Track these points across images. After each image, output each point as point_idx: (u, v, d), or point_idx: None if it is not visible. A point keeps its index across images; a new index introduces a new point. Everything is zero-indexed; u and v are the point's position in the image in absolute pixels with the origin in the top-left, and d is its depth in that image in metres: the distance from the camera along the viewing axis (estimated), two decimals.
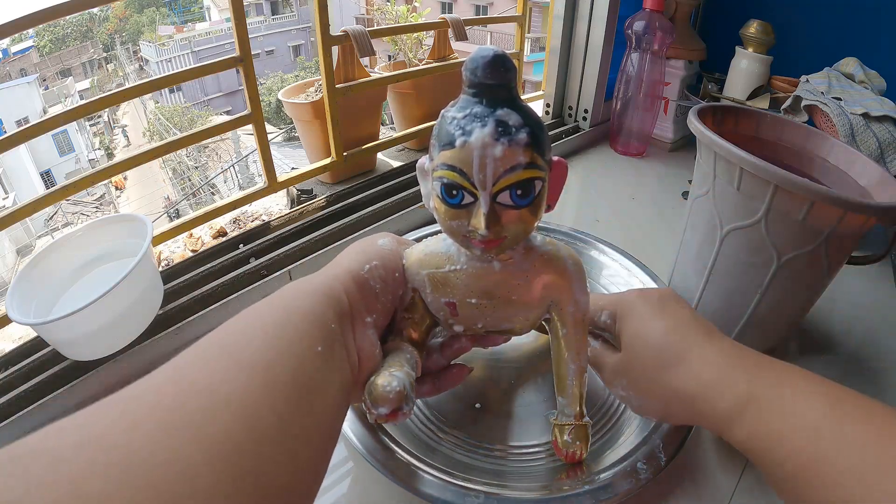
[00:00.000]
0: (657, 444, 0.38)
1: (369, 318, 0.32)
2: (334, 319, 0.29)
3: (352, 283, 0.32)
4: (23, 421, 0.42)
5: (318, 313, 0.28)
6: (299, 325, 0.27)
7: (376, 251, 0.35)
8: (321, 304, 0.29)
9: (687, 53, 0.88)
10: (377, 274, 0.34)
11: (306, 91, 0.76)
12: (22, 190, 8.46)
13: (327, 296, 0.30)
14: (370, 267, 0.34)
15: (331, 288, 0.31)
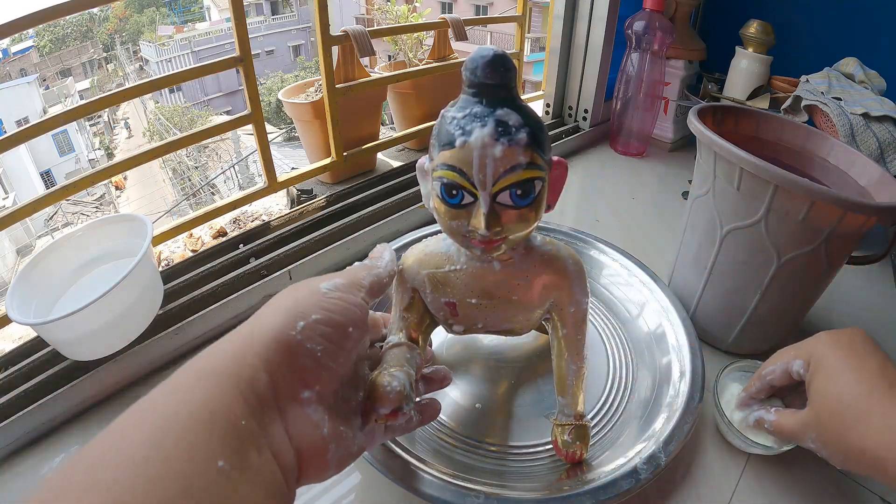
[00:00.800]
0: (657, 445, 0.38)
1: (307, 392, 0.25)
2: (245, 412, 0.22)
3: (275, 350, 0.24)
4: (23, 421, 0.42)
5: (218, 409, 0.21)
6: (187, 435, 0.20)
7: (315, 301, 0.27)
8: (223, 393, 0.22)
9: (687, 53, 0.88)
10: (318, 332, 0.26)
11: (306, 91, 0.76)
12: (22, 190, 8.46)
13: (233, 379, 0.23)
14: (306, 325, 0.25)
15: (239, 366, 0.23)
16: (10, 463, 0.42)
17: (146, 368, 0.49)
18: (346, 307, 0.28)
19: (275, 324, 0.25)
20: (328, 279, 0.29)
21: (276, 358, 0.24)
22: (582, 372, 0.39)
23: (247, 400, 0.22)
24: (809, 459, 0.42)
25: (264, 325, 0.25)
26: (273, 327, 0.25)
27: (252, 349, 0.24)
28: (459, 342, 0.51)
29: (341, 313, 0.27)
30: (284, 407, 0.24)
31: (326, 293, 0.28)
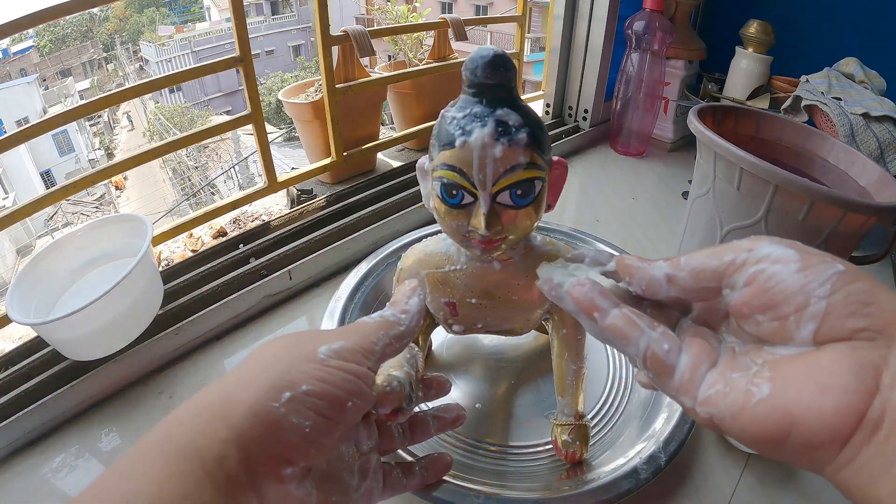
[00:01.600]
0: (657, 445, 0.38)
1: (290, 469, 0.22)
2: (212, 495, 0.19)
3: (251, 425, 0.21)
4: (23, 421, 0.42)
5: (178, 494, 0.18)
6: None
7: (309, 370, 0.23)
8: (185, 474, 0.19)
9: (687, 53, 0.88)
10: (308, 406, 0.22)
11: (306, 91, 0.76)
12: (22, 190, 8.46)
13: (198, 457, 0.20)
14: (292, 396, 0.21)
15: (207, 441, 0.20)
16: (10, 463, 0.42)
17: (146, 368, 0.49)
18: (347, 379, 0.23)
19: (254, 393, 0.21)
20: (331, 338, 0.25)
21: (253, 433, 0.21)
22: (582, 372, 0.39)
23: (214, 480, 0.19)
24: None
25: (241, 391, 0.22)
26: (251, 397, 0.21)
27: (225, 418, 0.21)
28: (459, 342, 0.51)
29: (340, 386, 0.23)
30: (262, 486, 0.21)
31: (325, 360, 0.23)
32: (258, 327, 0.55)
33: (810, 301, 0.18)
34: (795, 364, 0.19)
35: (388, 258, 0.55)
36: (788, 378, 0.18)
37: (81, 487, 0.19)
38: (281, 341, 0.25)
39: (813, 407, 0.17)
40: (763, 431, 0.18)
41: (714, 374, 0.20)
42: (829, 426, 0.17)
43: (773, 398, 0.18)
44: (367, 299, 0.52)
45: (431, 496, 0.35)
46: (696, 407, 0.20)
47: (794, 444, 0.18)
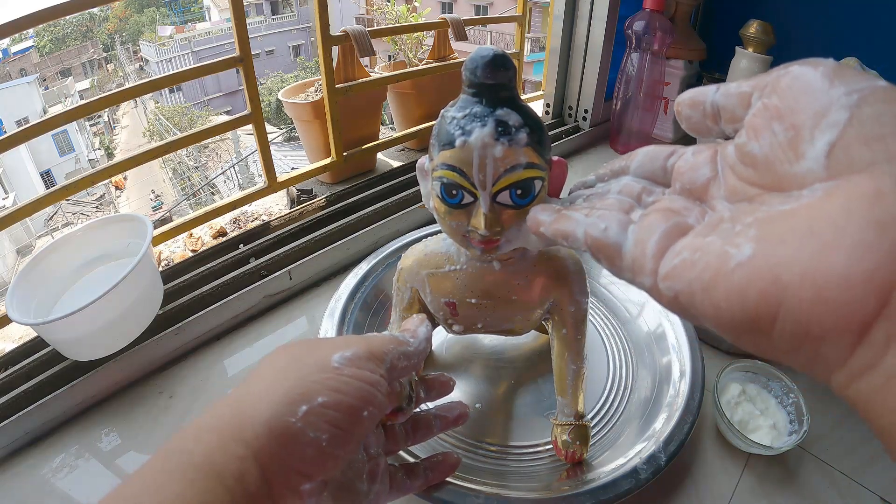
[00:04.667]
0: (657, 445, 0.38)
1: (308, 484, 0.21)
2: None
3: (268, 440, 0.20)
4: (23, 421, 0.42)
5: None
6: None
7: (323, 380, 0.22)
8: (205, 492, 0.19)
9: (687, 53, 0.88)
10: (324, 419, 0.21)
11: (306, 91, 0.76)
12: (22, 190, 8.46)
13: (217, 474, 0.19)
14: (309, 410, 0.21)
15: (225, 458, 0.20)
16: (10, 463, 0.42)
17: (146, 368, 0.49)
18: (361, 388, 0.23)
19: (268, 407, 0.21)
20: (342, 346, 0.24)
21: (270, 449, 0.20)
22: (582, 372, 0.39)
23: (234, 497, 0.19)
24: (809, 459, 0.42)
25: (257, 405, 0.21)
26: (266, 411, 0.21)
27: (241, 435, 0.20)
28: (459, 342, 0.51)
29: (355, 395, 0.22)
30: (281, 502, 0.21)
31: (339, 368, 0.23)
32: (258, 327, 0.55)
33: (832, 108, 0.14)
34: (795, 215, 0.13)
35: (388, 258, 0.55)
36: (781, 233, 0.13)
37: (81, 487, 0.20)
38: (291, 350, 0.24)
39: (811, 269, 0.12)
40: (743, 308, 0.13)
41: (682, 243, 0.15)
42: (836, 298, 0.11)
43: (756, 259, 0.13)
44: (367, 299, 0.52)
45: (432, 496, 0.35)
46: (657, 283, 0.15)
47: (787, 328, 0.12)
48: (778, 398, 0.44)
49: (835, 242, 0.11)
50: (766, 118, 0.16)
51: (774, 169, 0.15)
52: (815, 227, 0.12)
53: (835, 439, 0.44)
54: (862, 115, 0.13)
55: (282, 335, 0.54)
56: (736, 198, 0.17)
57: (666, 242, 0.16)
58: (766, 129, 0.16)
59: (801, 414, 0.41)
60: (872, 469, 0.41)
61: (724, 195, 0.17)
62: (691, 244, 0.15)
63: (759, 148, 0.16)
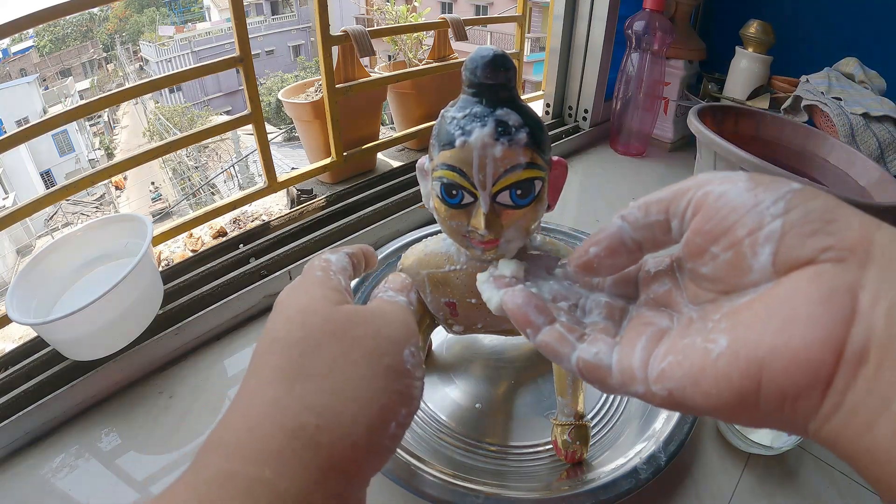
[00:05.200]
0: (657, 445, 0.38)
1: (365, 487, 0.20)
2: None
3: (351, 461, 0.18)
4: (23, 421, 0.42)
5: None
6: None
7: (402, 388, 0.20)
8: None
9: (687, 53, 0.88)
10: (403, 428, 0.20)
11: (306, 91, 0.76)
12: (22, 190, 8.46)
13: None
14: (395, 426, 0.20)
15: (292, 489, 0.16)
16: (10, 463, 0.42)
17: (146, 368, 0.49)
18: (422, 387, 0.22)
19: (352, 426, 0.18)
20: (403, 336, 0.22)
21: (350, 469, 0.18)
22: None
23: None
24: (809, 459, 0.42)
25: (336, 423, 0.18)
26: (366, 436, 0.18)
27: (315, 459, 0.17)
28: (459, 342, 0.51)
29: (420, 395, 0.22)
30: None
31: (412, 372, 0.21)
32: (258, 327, 0.55)
33: (764, 221, 0.16)
34: (754, 305, 0.16)
35: (388, 258, 0.55)
36: (747, 322, 0.15)
37: (81, 487, 0.19)
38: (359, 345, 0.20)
39: (779, 348, 0.14)
40: (731, 391, 0.15)
41: (663, 349, 0.17)
42: (802, 368, 0.14)
43: (732, 349, 0.15)
44: (367, 299, 0.52)
45: (432, 496, 0.35)
46: (650, 388, 0.17)
47: (770, 395, 0.14)
48: None
49: (792, 319, 0.14)
50: (701, 242, 0.18)
51: (726, 282, 0.17)
52: (773, 310, 0.15)
53: None
54: (791, 219, 0.15)
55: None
56: (698, 301, 0.19)
57: (648, 351, 0.18)
58: (705, 252, 0.18)
59: None
60: None
61: (688, 300, 0.20)
62: (673, 347, 0.17)
63: (705, 269, 0.18)
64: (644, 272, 0.22)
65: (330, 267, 0.24)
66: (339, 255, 0.25)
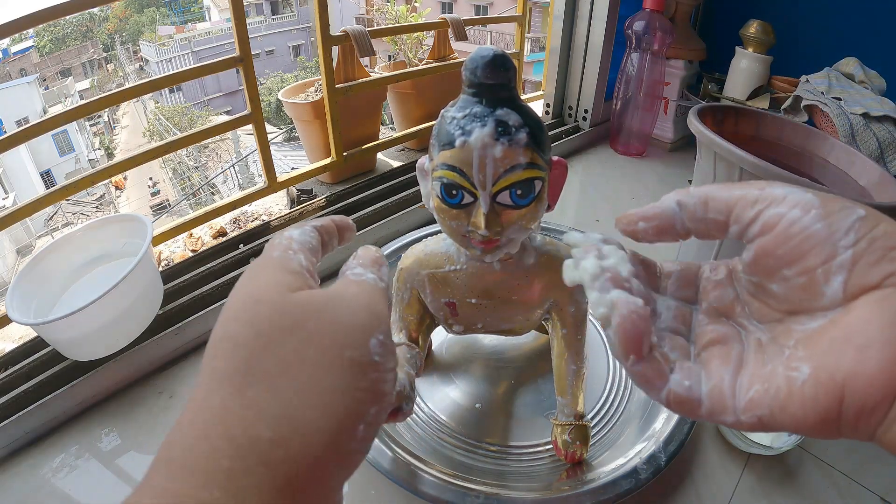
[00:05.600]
0: (657, 445, 0.38)
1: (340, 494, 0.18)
2: None
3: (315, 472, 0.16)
4: (23, 421, 0.42)
5: None
6: None
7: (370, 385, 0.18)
8: None
9: (687, 53, 0.88)
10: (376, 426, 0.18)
11: (306, 91, 0.76)
12: (22, 190, 8.46)
13: None
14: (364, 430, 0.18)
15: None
16: (10, 463, 0.42)
17: (146, 368, 0.49)
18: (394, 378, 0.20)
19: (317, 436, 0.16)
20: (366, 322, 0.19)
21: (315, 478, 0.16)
22: (582, 372, 0.39)
23: None
24: (809, 459, 0.42)
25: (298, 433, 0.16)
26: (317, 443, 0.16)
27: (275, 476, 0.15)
28: (459, 342, 0.51)
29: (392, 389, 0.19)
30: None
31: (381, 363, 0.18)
32: None
33: (837, 252, 0.17)
34: (828, 333, 0.17)
35: (388, 258, 0.55)
36: (825, 350, 0.17)
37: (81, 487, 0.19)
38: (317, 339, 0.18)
39: (858, 371, 0.16)
40: (816, 412, 0.16)
41: (746, 377, 0.18)
42: (878, 386, 0.16)
43: (815, 375, 0.17)
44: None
45: (432, 496, 0.35)
46: (739, 417, 0.18)
47: (849, 415, 0.16)
48: None
49: (866, 346, 0.16)
50: (773, 264, 0.19)
51: (795, 303, 0.19)
52: (848, 337, 0.16)
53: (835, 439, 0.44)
54: (860, 249, 0.17)
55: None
56: (764, 319, 0.20)
57: (734, 382, 0.19)
58: (776, 273, 0.19)
59: None
60: (872, 469, 0.41)
61: (752, 315, 0.21)
62: (757, 375, 0.18)
63: (775, 287, 0.19)
64: (705, 279, 0.23)
65: (290, 245, 0.21)
66: (303, 229, 0.22)
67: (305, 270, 0.20)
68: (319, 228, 0.23)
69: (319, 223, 0.23)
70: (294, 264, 0.20)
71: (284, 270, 0.20)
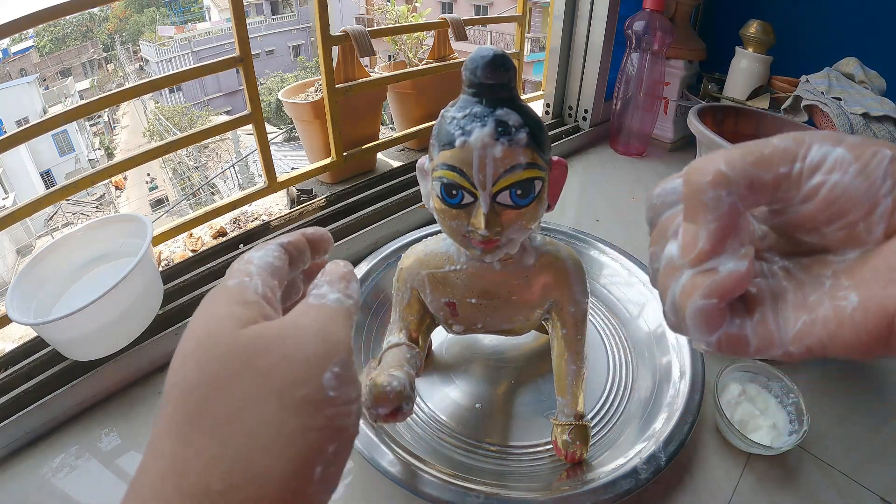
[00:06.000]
0: (657, 445, 0.38)
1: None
2: None
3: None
4: (23, 421, 0.42)
5: None
6: None
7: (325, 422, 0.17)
8: None
9: (687, 53, 0.88)
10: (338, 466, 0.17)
11: (306, 91, 0.76)
12: (22, 190, 8.46)
13: None
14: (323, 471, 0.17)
15: None
16: (10, 463, 0.42)
17: (146, 368, 0.49)
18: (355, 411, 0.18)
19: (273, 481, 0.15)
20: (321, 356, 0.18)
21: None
22: (582, 372, 0.39)
23: None
24: (809, 459, 0.42)
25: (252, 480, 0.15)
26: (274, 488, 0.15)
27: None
28: (459, 342, 0.51)
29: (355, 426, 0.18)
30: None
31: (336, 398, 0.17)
32: None
33: (878, 201, 0.17)
34: (870, 262, 0.18)
35: (388, 258, 0.55)
36: (869, 278, 0.17)
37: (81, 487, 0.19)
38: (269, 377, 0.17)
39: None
40: (868, 336, 0.17)
41: (790, 309, 0.19)
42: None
43: (864, 302, 0.17)
44: (367, 299, 0.52)
45: (432, 496, 0.35)
46: (788, 349, 0.18)
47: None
48: (778, 398, 0.44)
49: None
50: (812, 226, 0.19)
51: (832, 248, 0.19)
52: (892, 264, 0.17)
53: (835, 439, 0.44)
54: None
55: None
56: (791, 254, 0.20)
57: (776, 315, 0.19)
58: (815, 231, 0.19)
59: (801, 414, 0.41)
60: (872, 469, 0.41)
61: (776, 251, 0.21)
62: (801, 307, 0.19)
63: (811, 239, 0.19)
64: None
65: (248, 270, 0.20)
66: (266, 250, 0.21)
67: (263, 298, 0.19)
68: (286, 245, 0.22)
69: (287, 239, 0.22)
70: (249, 293, 0.19)
71: (238, 302, 0.19)
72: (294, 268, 0.22)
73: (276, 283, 0.20)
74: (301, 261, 0.23)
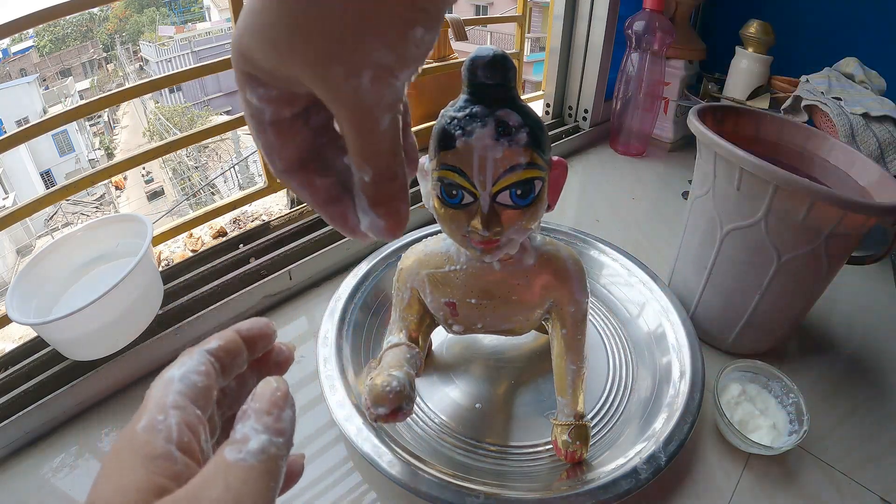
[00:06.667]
0: (657, 445, 0.38)
1: None
2: None
3: None
4: (23, 421, 0.42)
5: None
6: None
7: None
8: None
9: (687, 53, 0.88)
10: None
11: None
12: (22, 190, 8.45)
13: None
14: None
15: None
16: (10, 463, 0.42)
17: (146, 368, 0.49)
18: None
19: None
20: None
21: None
22: (582, 372, 0.39)
23: None
24: (809, 459, 0.42)
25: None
26: None
27: None
28: (459, 342, 0.51)
29: None
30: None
31: None
32: None
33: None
34: None
35: (388, 258, 0.55)
36: None
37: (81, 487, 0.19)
38: None
39: None
40: None
41: None
42: None
43: None
44: (367, 299, 0.52)
45: (432, 496, 0.35)
46: None
47: None
48: (778, 398, 0.44)
49: None
50: None
51: None
52: None
53: (835, 439, 0.44)
54: None
55: (282, 335, 0.53)
56: None
57: None
58: None
59: (801, 414, 0.41)
60: (872, 469, 0.41)
61: None
62: None
63: None
64: None
65: (164, 402, 0.17)
66: (189, 365, 0.18)
67: (177, 445, 0.16)
68: (215, 352, 0.19)
69: (216, 343, 0.19)
70: (158, 446, 0.16)
71: (145, 459, 0.16)
72: (227, 376, 0.19)
73: (197, 416, 0.17)
74: (235, 365, 0.20)
